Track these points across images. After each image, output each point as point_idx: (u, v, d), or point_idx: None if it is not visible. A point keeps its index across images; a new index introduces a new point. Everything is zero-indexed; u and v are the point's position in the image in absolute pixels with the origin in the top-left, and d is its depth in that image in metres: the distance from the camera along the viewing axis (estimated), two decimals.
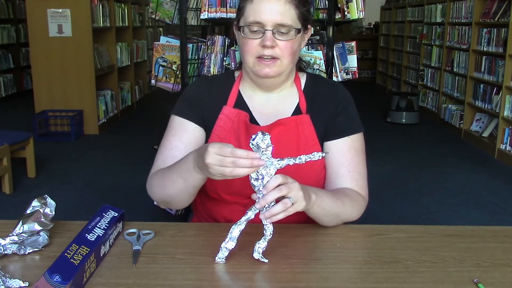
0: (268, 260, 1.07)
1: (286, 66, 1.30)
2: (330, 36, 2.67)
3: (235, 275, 1.04)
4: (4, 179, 3.64)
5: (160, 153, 1.35)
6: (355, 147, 1.35)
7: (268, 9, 1.25)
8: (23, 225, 1.10)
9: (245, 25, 1.27)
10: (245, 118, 1.33)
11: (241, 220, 1.07)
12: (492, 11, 5.22)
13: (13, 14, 7.99)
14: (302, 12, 1.29)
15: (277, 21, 1.25)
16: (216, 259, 1.07)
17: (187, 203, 1.28)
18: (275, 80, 1.34)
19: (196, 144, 1.33)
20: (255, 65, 1.29)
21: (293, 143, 1.32)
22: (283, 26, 1.25)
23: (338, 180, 1.33)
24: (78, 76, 5.45)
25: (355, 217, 1.29)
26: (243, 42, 1.29)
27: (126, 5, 6.80)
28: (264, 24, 1.25)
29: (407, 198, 3.69)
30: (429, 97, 7.14)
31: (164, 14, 2.96)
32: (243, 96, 1.39)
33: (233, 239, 1.07)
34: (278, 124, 1.32)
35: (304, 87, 1.40)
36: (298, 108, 1.37)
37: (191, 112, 1.36)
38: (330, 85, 1.43)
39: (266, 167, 1.03)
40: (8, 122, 6.14)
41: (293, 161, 1.04)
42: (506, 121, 4.78)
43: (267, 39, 1.25)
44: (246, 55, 1.30)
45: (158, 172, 1.29)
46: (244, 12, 1.29)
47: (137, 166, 4.38)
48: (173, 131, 1.35)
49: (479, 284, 0.99)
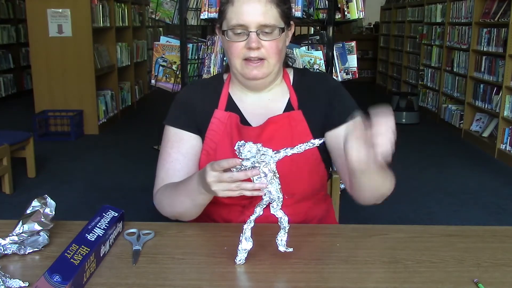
0: (293, 249, 1.07)
1: (273, 66, 1.30)
2: (330, 36, 2.67)
3: (235, 275, 1.04)
4: (4, 179, 3.64)
5: (161, 166, 1.35)
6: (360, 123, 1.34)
7: (250, 11, 1.24)
8: (23, 225, 1.10)
9: (229, 29, 1.27)
10: (236, 120, 1.33)
11: (251, 219, 1.08)
12: (492, 11, 5.22)
13: (13, 14, 7.99)
14: (284, 10, 1.29)
15: (260, 22, 1.24)
16: (236, 261, 1.06)
17: (197, 215, 1.28)
18: (264, 81, 1.33)
19: (194, 153, 1.34)
20: (243, 68, 1.29)
21: (287, 140, 1.31)
22: (266, 27, 1.25)
23: None
24: (78, 76, 5.45)
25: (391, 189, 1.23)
26: (228, 45, 1.29)
27: (126, 5, 6.80)
28: (248, 26, 1.25)
29: (407, 198, 3.68)
30: (429, 97, 7.14)
31: (164, 14, 2.96)
32: (234, 98, 1.39)
33: (248, 239, 1.07)
34: (270, 123, 1.31)
35: (293, 82, 1.40)
36: (290, 104, 1.37)
37: (184, 120, 1.36)
38: (316, 76, 1.43)
39: (266, 164, 1.03)
40: (8, 122, 6.13)
41: (290, 151, 1.03)
42: (506, 121, 4.78)
43: (252, 41, 1.24)
44: (232, 58, 1.29)
45: (165, 191, 1.30)
46: (226, 15, 1.28)
47: (137, 166, 4.38)
48: (170, 143, 1.35)
49: (479, 284, 0.99)
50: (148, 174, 1.37)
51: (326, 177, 1.42)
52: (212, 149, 1.33)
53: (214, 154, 1.32)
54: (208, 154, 1.33)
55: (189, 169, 1.33)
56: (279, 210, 1.08)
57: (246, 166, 1.03)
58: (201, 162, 1.34)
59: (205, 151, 1.34)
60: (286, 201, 1.08)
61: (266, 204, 1.07)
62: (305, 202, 1.35)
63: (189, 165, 1.33)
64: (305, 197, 1.33)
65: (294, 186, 1.29)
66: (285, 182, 1.10)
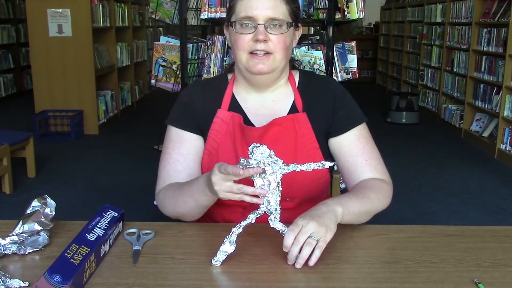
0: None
1: (279, 62, 1.29)
2: (330, 36, 2.67)
3: (235, 275, 1.04)
4: (4, 179, 3.64)
5: (163, 167, 1.35)
6: (363, 135, 1.35)
7: (260, 4, 1.25)
8: (23, 225, 1.10)
9: (237, 21, 1.27)
10: (239, 120, 1.32)
11: (242, 224, 1.07)
12: (492, 11, 5.22)
13: (13, 14, 7.99)
14: (293, 8, 1.30)
15: (269, 15, 1.25)
16: (213, 261, 1.06)
17: (198, 216, 1.29)
18: (269, 77, 1.33)
19: (196, 154, 1.35)
20: (248, 61, 1.28)
21: (290, 142, 1.31)
22: (275, 20, 1.25)
23: (358, 171, 1.32)
24: (78, 76, 5.46)
25: (385, 206, 1.28)
26: (235, 37, 1.28)
27: (126, 5, 6.80)
28: (256, 19, 1.25)
29: (407, 198, 3.69)
30: (429, 97, 7.14)
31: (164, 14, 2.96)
32: (237, 98, 1.38)
33: (232, 242, 1.07)
34: (274, 125, 1.31)
35: (298, 84, 1.39)
36: (294, 106, 1.36)
37: (186, 120, 1.36)
38: (322, 81, 1.43)
39: (273, 173, 1.03)
40: (8, 122, 6.13)
41: (299, 167, 1.04)
42: (506, 121, 4.78)
43: (260, 33, 1.24)
44: (238, 51, 1.29)
45: (167, 191, 1.30)
46: (235, 9, 1.29)
47: (137, 166, 4.38)
48: (172, 144, 1.35)
49: (479, 284, 0.99)
50: (148, 174, 1.38)
51: (329, 181, 1.42)
52: (214, 149, 1.33)
53: (216, 154, 1.32)
54: (210, 154, 1.33)
55: (190, 170, 1.33)
56: (278, 223, 1.08)
57: (251, 164, 1.02)
58: (204, 162, 1.34)
59: (207, 151, 1.34)
60: (287, 204, 1.09)
61: (261, 213, 1.07)
62: (307, 204, 1.35)
63: (190, 166, 1.33)
64: (306, 200, 1.33)
65: (295, 190, 1.29)
66: (287, 186, 1.10)
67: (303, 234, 1.04)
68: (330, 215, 1.10)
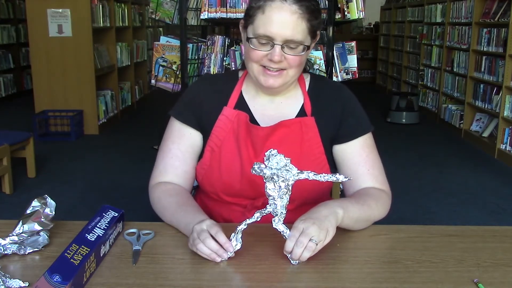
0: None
1: (291, 77, 1.29)
2: (330, 36, 2.67)
3: (235, 275, 1.04)
4: (4, 179, 3.64)
5: (161, 159, 1.36)
6: (368, 144, 1.35)
7: (280, 23, 1.20)
8: (23, 225, 1.10)
9: (254, 37, 1.24)
10: (245, 118, 1.32)
11: (247, 221, 1.08)
12: (492, 11, 5.22)
13: (13, 14, 7.99)
14: (314, 25, 1.25)
15: (287, 36, 1.21)
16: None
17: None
18: (279, 89, 1.32)
19: (193, 151, 1.36)
20: (259, 75, 1.27)
21: (296, 145, 1.31)
22: (292, 42, 1.22)
23: (359, 180, 1.32)
24: (78, 76, 5.45)
25: (383, 216, 1.29)
26: (250, 50, 1.26)
27: (126, 5, 6.80)
28: (274, 38, 1.21)
29: (407, 198, 3.69)
30: (429, 97, 7.14)
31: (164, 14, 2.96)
32: (246, 97, 1.38)
33: (239, 239, 1.08)
34: (281, 126, 1.31)
35: (308, 88, 1.39)
36: (303, 109, 1.36)
37: (189, 114, 1.36)
38: (333, 87, 1.42)
39: (285, 179, 1.03)
40: (8, 122, 6.13)
41: (313, 176, 1.04)
42: (506, 121, 4.78)
43: (276, 54, 1.22)
44: (250, 62, 1.27)
45: (161, 199, 1.30)
46: (254, 21, 1.24)
47: (137, 166, 4.38)
48: (172, 137, 1.36)
49: (479, 284, 0.99)
50: (148, 174, 1.37)
51: (330, 184, 1.42)
52: (217, 146, 1.33)
53: (219, 151, 1.32)
54: (213, 151, 1.33)
55: (187, 166, 1.35)
56: (281, 224, 1.09)
57: (265, 174, 1.03)
58: (205, 159, 1.34)
59: (210, 148, 1.34)
60: (287, 206, 1.08)
61: (266, 213, 1.08)
62: (308, 206, 1.35)
63: (188, 162, 1.35)
64: (307, 202, 1.33)
65: (296, 192, 1.28)
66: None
67: (306, 236, 1.05)
68: (331, 218, 1.11)
